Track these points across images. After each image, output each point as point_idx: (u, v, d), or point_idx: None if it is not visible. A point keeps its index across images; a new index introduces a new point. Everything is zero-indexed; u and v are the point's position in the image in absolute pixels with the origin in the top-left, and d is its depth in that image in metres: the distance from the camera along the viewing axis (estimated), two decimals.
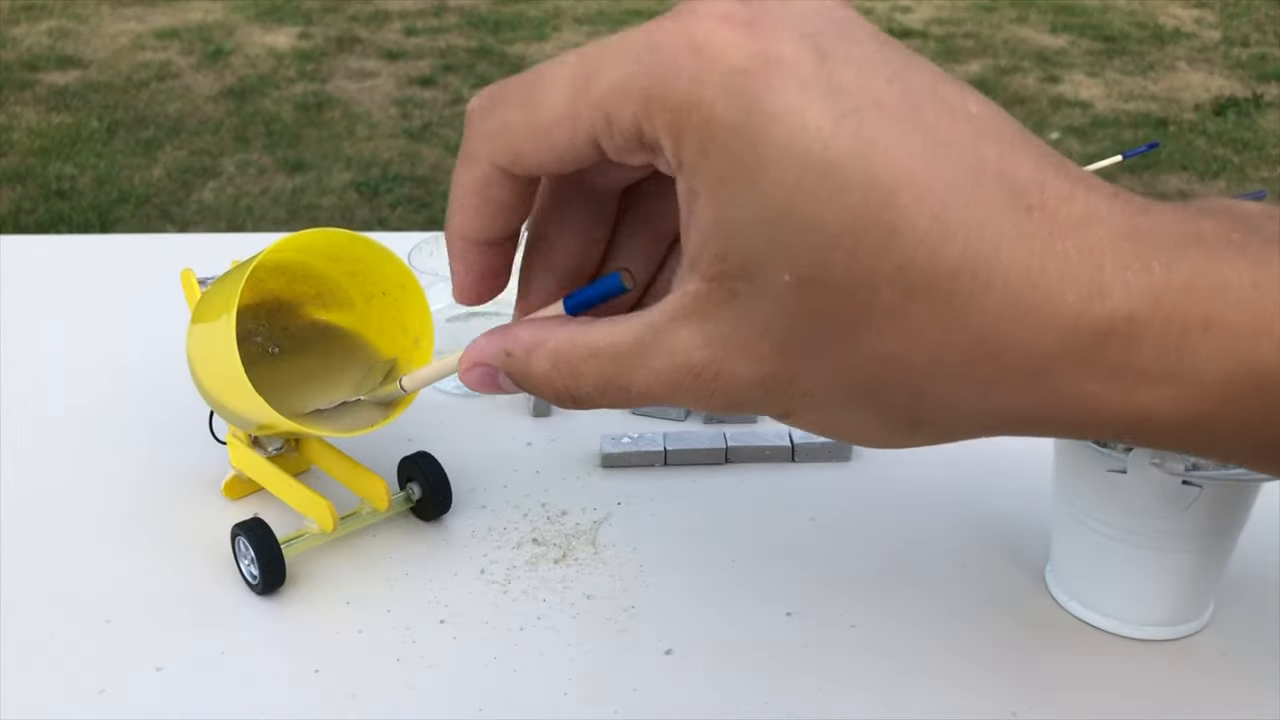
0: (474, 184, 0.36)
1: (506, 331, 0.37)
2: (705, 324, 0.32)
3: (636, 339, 0.33)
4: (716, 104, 0.29)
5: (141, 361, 0.74)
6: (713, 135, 0.29)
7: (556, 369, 0.35)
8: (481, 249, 0.38)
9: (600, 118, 0.31)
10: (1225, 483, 0.47)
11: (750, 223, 0.30)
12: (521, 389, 0.37)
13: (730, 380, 0.32)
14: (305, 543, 0.55)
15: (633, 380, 0.34)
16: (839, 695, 0.49)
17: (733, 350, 0.32)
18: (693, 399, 0.33)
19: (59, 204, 2.91)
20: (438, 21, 4.33)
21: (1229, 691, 0.49)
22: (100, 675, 0.49)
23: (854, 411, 0.33)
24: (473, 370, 0.38)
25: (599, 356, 0.34)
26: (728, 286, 0.31)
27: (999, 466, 0.64)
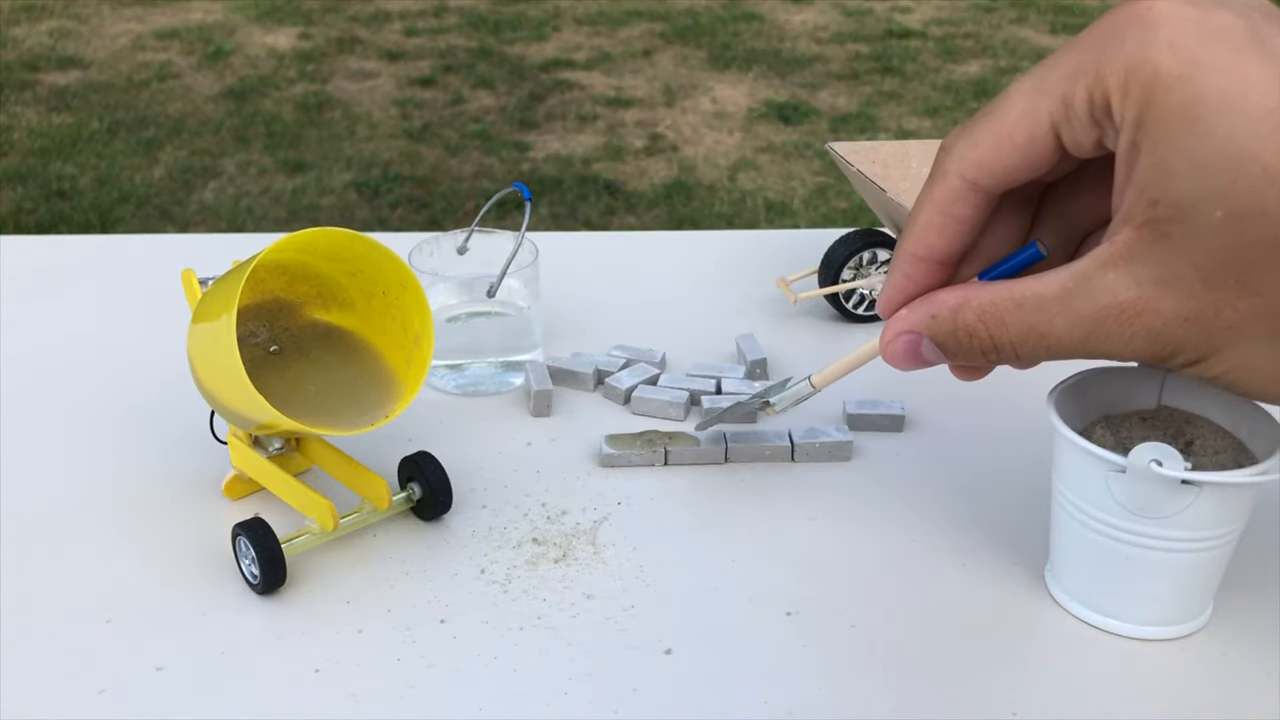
0: (939, 200, 0.39)
1: (930, 299, 0.41)
2: (1133, 266, 0.35)
3: (1061, 286, 0.37)
4: (1162, 60, 0.33)
5: (141, 361, 0.74)
6: (1157, 86, 0.33)
7: (982, 320, 0.39)
8: (928, 267, 0.41)
9: (1058, 104, 0.35)
10: (1225, 483, 0.47)
11: (1187, 164, 0.33)
12: (944, 352, 0.41)
13: (1155, 316, 0.35)
14: (305, 542, 0.55)
15: (1054, 326, 0.37)
16: (839, 695, 0.49)
17: (1161, 288, 0.35)
18: (1114, 339, 0.36)
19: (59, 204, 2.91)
20: (438, 21, 4.33)
21: (1229, 691, 0.49)
22: (100, 675, 0.49)
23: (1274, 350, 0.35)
24: (898, 339, 0.41)
25: (1023, 306, 0.37)
26: (1159, 229, 0.34)
27: (999, 466, 0.64)
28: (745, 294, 0.83)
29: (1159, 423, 0.52)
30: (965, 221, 0.40)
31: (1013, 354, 0.39)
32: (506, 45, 4.10)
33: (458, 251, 0.74)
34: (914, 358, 0.42)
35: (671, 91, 3.69)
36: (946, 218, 0.40)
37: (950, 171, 0.39)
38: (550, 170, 3.14)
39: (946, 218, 0.40)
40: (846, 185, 2.98)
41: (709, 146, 3.29)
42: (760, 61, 3.95)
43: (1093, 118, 0.35)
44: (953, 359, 0.41)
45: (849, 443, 0.64)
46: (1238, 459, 0.49)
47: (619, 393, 0.70)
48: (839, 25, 4.33)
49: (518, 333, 0.72)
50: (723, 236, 0.99)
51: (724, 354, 0.76)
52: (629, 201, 2.97)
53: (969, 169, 0.38)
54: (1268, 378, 0.36)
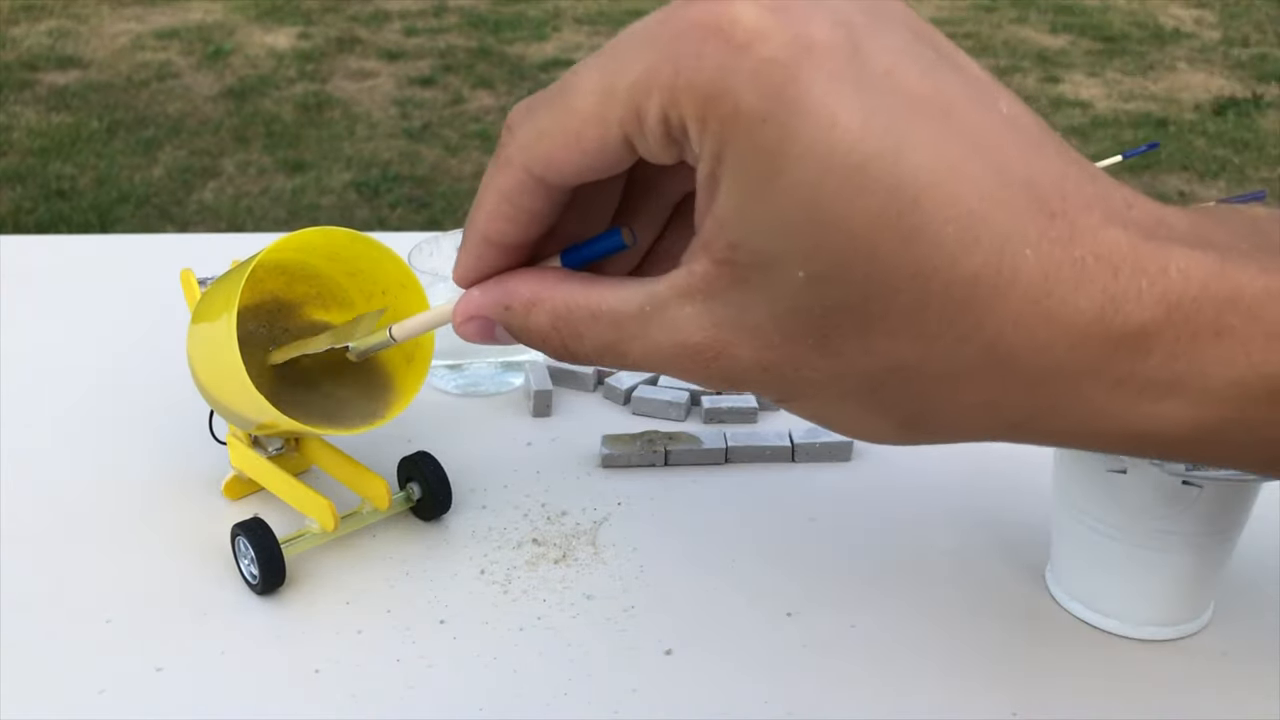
0: (506, 190, 0.35)
1: (503, 284, 0.37)
2: (711, 304, 0.32)
3: (639, 309, 0.33)
4: (743, 94, 0.28)
5: (141, 361, 0.74)
6: (738, 127, 0.29)
7: (556, 327, 0.35)
8: (499, 250, 0.37)
9: (630, 115, 0.31)
10: (1225, 483, 0.47)
11: (768, 217, 0.29)
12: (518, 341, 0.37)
13: (731, 361, 0.32)
14: (305, 542, 0.55)
15: (630, 348, 0.34)
16: (839, 695, 0.49)
17: (738, 333, 0.32)
18: (692, 374, 0.33)
19: (59, 204, 2.91)
20: (438, 21, 4.33)
21: (1229, 691, 0.49)
22: (100, 675, 0.49)
23: (855, 406, 0.32)
24: (469, 322, 0.38)
25: (599, 320, 0.34)
26: (738, 273, 0.31)
27: (999, 466, 0.64)
28: None
29: None
30: (536, 212, 0.35)
31: (594, 364, 0.36)
32: (506, 45, 4.10)
33: (458, 251, 0.73)
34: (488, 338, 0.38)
35: None
36: (515, 208, 0.35)
37: (516, 163, 0.34)
38: None
39: (515, 208, 0.35)
40: None
41: None
42: None
43: (669, 138, 0.31)
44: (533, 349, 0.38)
45: (849, 443, 0.64)
46: None
47: (619, 393, 0.70)
48: None
49: None
50: None
51: None
52: None
53: (536, 165, 0.34)
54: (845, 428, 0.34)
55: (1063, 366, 0.28)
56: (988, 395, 0.30)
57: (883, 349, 0.30)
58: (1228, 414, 0.29)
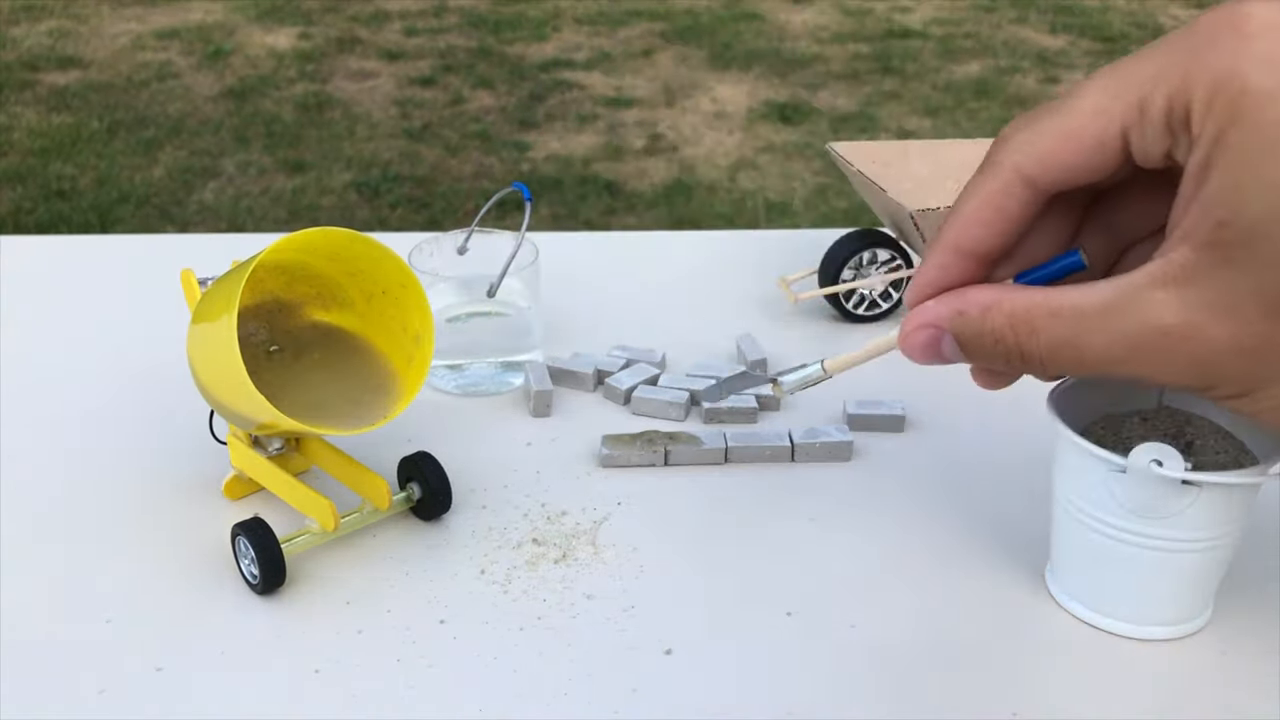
0: (989, 192, 0.37)
1: (960, 295, 0.38)
2: (1187, 289, 0.33)
3: (1104, 300, 0.35)
4: (1253, 75, 0.31)
5: (141, 361, 0.74)
6: (1244, 104, 0.31)
7: (1012, 326, 0.37)
8: (965, 261, 0.39)
9: (1133, 106, 0.34)
10: (1225, 483, 0.47)
11: (1264, 189, 0.31)
12: (966, 354, 0.39)
13: (1203, 344, 0.33)
14: (305, 542, 0.55)
15: (1090, 341, 0.35)
16: (839, 695, 0.49)
17: (1215, 314, 0.33)
18: (1154, 363, 0.34)
19: (59, 204, 2.91)
20: (438, 21, 4.33)
21: (1229, 691, 0.49)
22: (100, 675, 0.49)
23: None
24: (918, 332, 0.39)
25: (1059, 316, 0.36)
26: (1223, 253, 0.32)
27: (999, 466, 0.64)
28: (745, 294, 0.83)
29: (1159, 423, 0.52)
30: (1013, 218, 0.38)
31: (1040, 365, 0.37)
32: (506, 45, 4.10)
33: (458, 251, 0.74)
34: (933, 353, 0.40)
35: (671, 91, 3.69)
36: (995, 212, 0.38)
37: (1006, 164, 0.37)
38: (550, 170, 3.14)
39: (995, 212, 0.38)
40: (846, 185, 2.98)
41: (709, 146, 3.29)
42: (760, 61, 3.95)
43: (1168, 127, 0.33)
44: (974, 361, 0.40)
45: (849, 443, 0.64)
46: (1238, 459, 0.49)
47: (619, 393, 0.70)
48: (839, 25, 4.33)
49: (518, 333, 0.72)
50: (723, 236, 0.99)
51: (724, 354, 0.75)
52: (629, 201, 2.97)
53: (1028, 163, 0.36)
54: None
55: None
56: None
57: None
58: None
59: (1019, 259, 0.40)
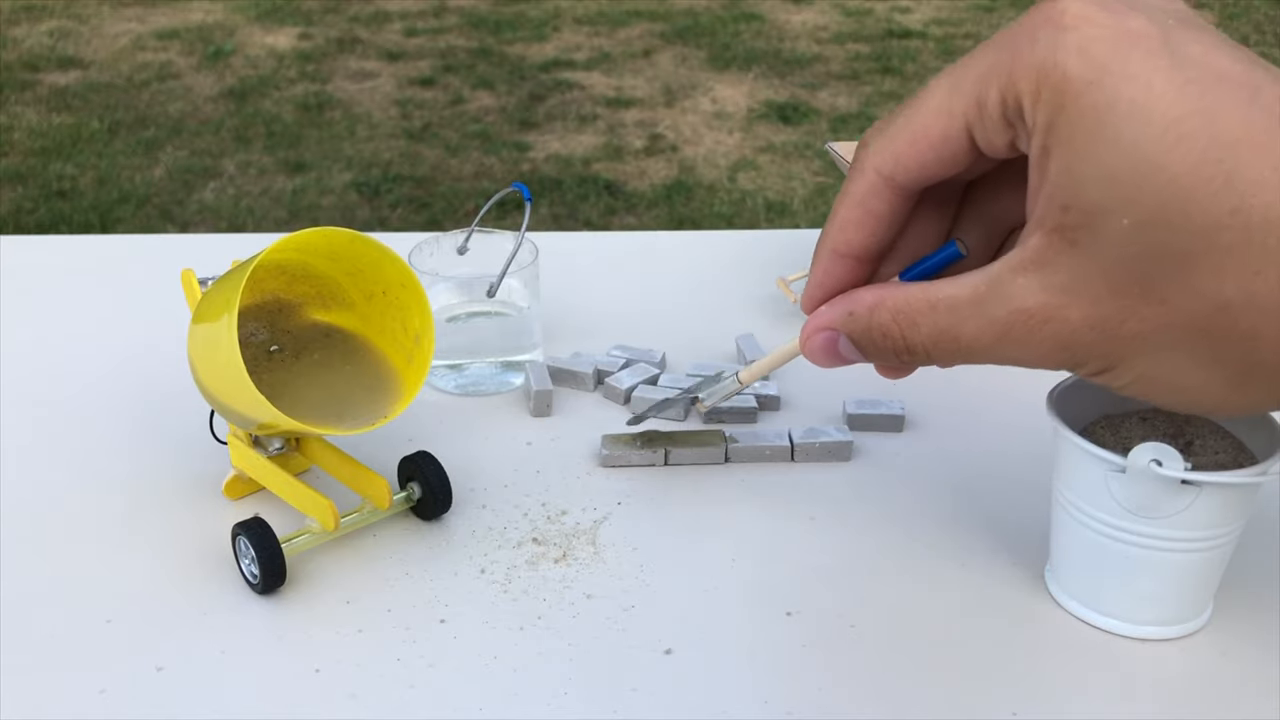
0: (857, 195, 0.40)
1: (849, 296, 0.41)
2: (1043, 272, 0.35)
3: (974, 290, 0.37)
4: (1071, 65, 0.33)
5: (142, 361, 0.74)
6: (1067, 93, 0.33)
7: (896, 321, 0.39)
8: (847, 263, 0.41)
9: (972, 104, 0.36)
10: (1225, 483, 0.47)
11: (1096, 172, 0.33)
12: (859, 350, 0.41)
13: (1062, 324, 0.35)
14: (306, 542, 0.55)
15: (965, 330, 0.37)
16: (839, 695, 0.49)
17: (1068, 295, 0.35)
18: (1023, 345, 0.36)
19: (59, 204, 2.91)
20: (438, 22, 4.33)
21: (1229, 691, 0.49)
22: (100, 675, 0.49)
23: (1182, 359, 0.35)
24: (815, 336, 0.42)
25: (936, 309, 0.38)
26: (1068, 236, 0.34)
27: (999, 466, 0.64)
28: (745, 294, 0.83)
29: (1159, 422, 0.52)
30: (883, 218, 0.40)
31: (925, 355, 0.39)
32: (506, 45, 4.10)
33: (458, 251, 0.74)
34: (832, 355, 0.42)
35: (671, 91, 3.69)
36: (864, 213, 0.40)
37: (867, 167, 0.39)
38: (550, 170, 3.14)
39: (864, 213, 0.40)
40: None
41: (709, 146, 3.29)
42: (760, 61, 3.95)
43: (1005, 119, 0.35)
44: (869, 358, 0.42)
45: (849, 443, 0.64)
46: (1237, 459, 0.49)
47: (619, 393, 0.70)
48: (839, 25, 4.33)
49: (518, 333, 0.72)
50: (723, 236, 0.99)
51: (724, 354, 0.76)
52: (629, 201, 2.97)
53: (885, 164, 0.38)
54: (1172, 387, 0.36)
55: None
56: None
57: (1208, 288, 0.33)
58: None
59: (902, 255, 0.42)
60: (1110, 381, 0.37)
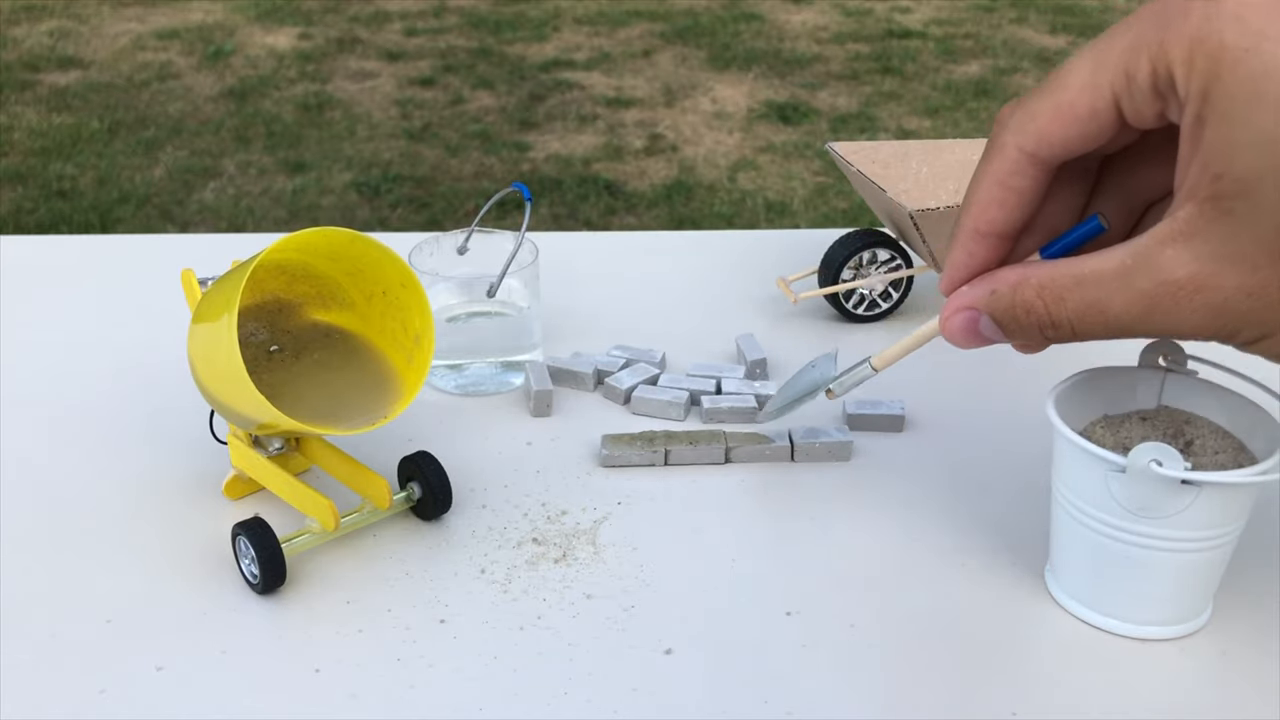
0: (998, 173, 0.39)
1: (991, 276, 0.41)
2: (1193, 242, 0.35)
3: (1120, 263, 0.36)
4: (1227, 34, 0.33)
5: (141, 361, 0.74)
6: (1223, 61, 0.33)
7: (1041, 297, 0.38)
8: (989, 242, 0.41)
9: (1120, 76, 0.35)
10: (1225, 483, 0.47)
11: (1252, 139, 0.33)
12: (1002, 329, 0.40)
13: (1215, 292, 0.35)
14: (306, 542, 0.55)
15: (1112, 303, 0.37)
16: (839, 695, 0.49)
17: (1221, 263, 0.34)
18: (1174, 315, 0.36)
19: (59, 204, 2.91)
20: (438, 22, 4.33)
21: (1229, 691, 0.49)
22: (100, 675, 0.49)
23: None
24: (956, 315, 0.41)
25: (1083, 283, 0.37)
26: (1223, 205, 0.34)
27: (999, 466, 0.64)
28: (745, 294, 0.83)
29: (1159, 422, 0.52)
30: (1024, 194, 0.40)
31: (1070, 331, 0.39)
32: (506, 45, 4.10)
33: (458, 251, 0.74)
34: (973, 335, 0.42)
35: (671, 91, 3.69)
36: (1006, 191, 0.40)
37: (1008, 144, 0.39)
38: (550, 170, 3.14)
39: (1006, 191, 0.40)
40: (846, 185, 2.98)
41: (709, 146, 3.29)
42: (760, 61, 3.95)
43: (1156, 90, 0.35)
44: (1011, 336, 0.41)
45: (849, 443, 0.64)
46: (1237, 459, 0.49)
47: (619, 393, 0.70)
48: (839, 25, 4.33)
49: (518, 333, 0.72)
50: (723, 236, 0.99)
51: (724, 354, 0.76)
52: (629, 201, 2.97)
53: (1028, 141, 0.38)
54: None
55: None
56: None
57: None
58: None
59: (1041, 231, 0.42)
60: (1266, 351, 0.37)
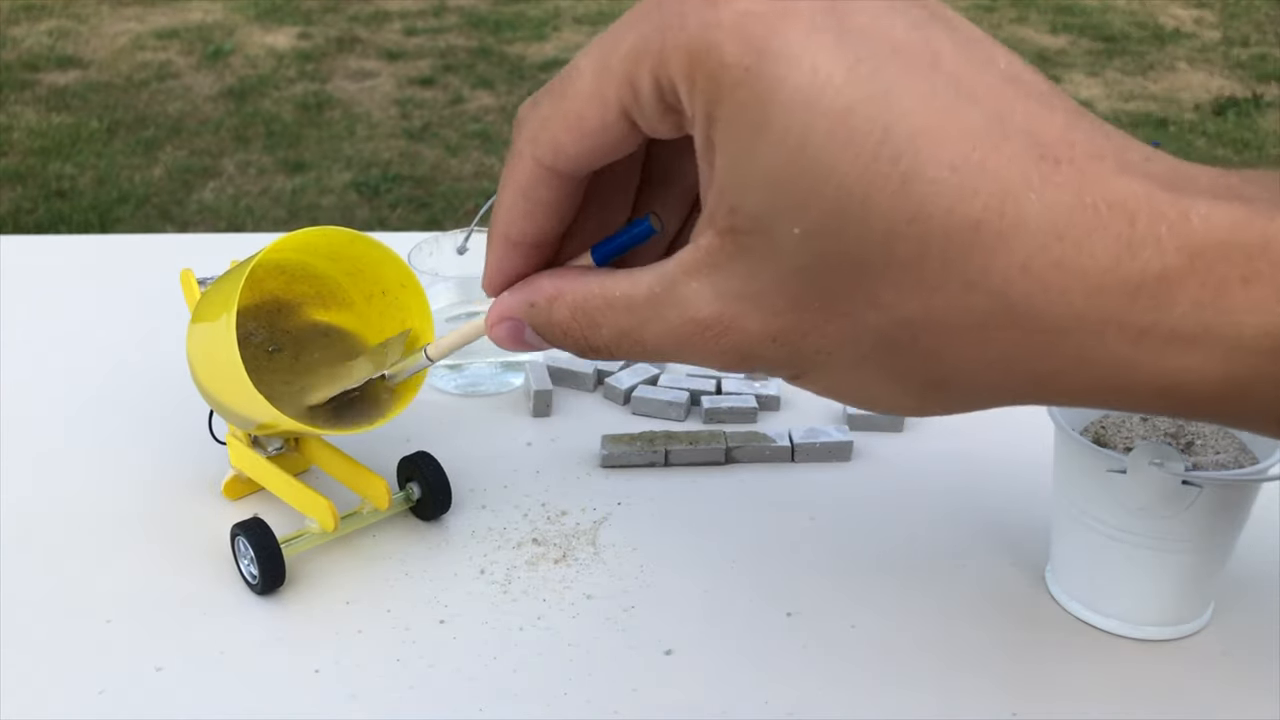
0: (520, 184, 0.35)
1: (531, 283, 0.37)
2: (716, 277, 0.31)
3: (649, 291, 0.33)
4: (726, 47, 0.28)
5: (141, 361, 0.74)
6: (724, 81, 0.28)
7: (575, 319, 0.35)
8: (523, 250, 0.37)
9: (625, 87, 0.31)
10: (1225, 483, 0.47)
11: (761, 173, 0.29)
12: (544, 340, 0.37)
13: (740, 335, 0.31)
14: (305, 542, 0.55)
15: (645, 333, 0.33)
16: (839, 695, 0.49)
17: (744, 304, 0.31)
18: (704, 353, 0.33)
19: (59, 204, 2.91)
20: (438, 21, 4.33)
21: (1229, 691, 0.49)
22: (100, 675, 0.49)
23: (868, 372, 0.31)
24: (500, 325, 0.38)
25: (614, 308, 0.34)
26: (740, 240, 0.30)
27: (999, 466, 0.64)
28: None
29: (1159, 422, 0.52)
30: (550, 205, 0.35)
31: (609, 354, 0.35)
32: (506, 45, 4.10)
33: (458, 251, 0.74)
34: (519, 342, 0.38)
35: None
36: (530, 203, 0.35)
37: (525, 153, 0.34)
38: None
39: (530, 203, 0.35)
40: None
41: None
42: None
43: (664, 104, 0.30)
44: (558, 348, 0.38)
45: (849, 443, 0.64)
46: (1238, 458, 0.49)
47: (619, 393, 0.70)
48: None
49: None
50: None
51: None
52: None
53: (543, 153, 0.33)
54: (863, 397, 0.33)
55: (1082, 316, 0.27)
56: (1005, 348, 0.29)
57: (888, 301, 0.29)
58: (1260, 365, 0.27)
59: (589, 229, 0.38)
60: (804, 386, 0.33)
